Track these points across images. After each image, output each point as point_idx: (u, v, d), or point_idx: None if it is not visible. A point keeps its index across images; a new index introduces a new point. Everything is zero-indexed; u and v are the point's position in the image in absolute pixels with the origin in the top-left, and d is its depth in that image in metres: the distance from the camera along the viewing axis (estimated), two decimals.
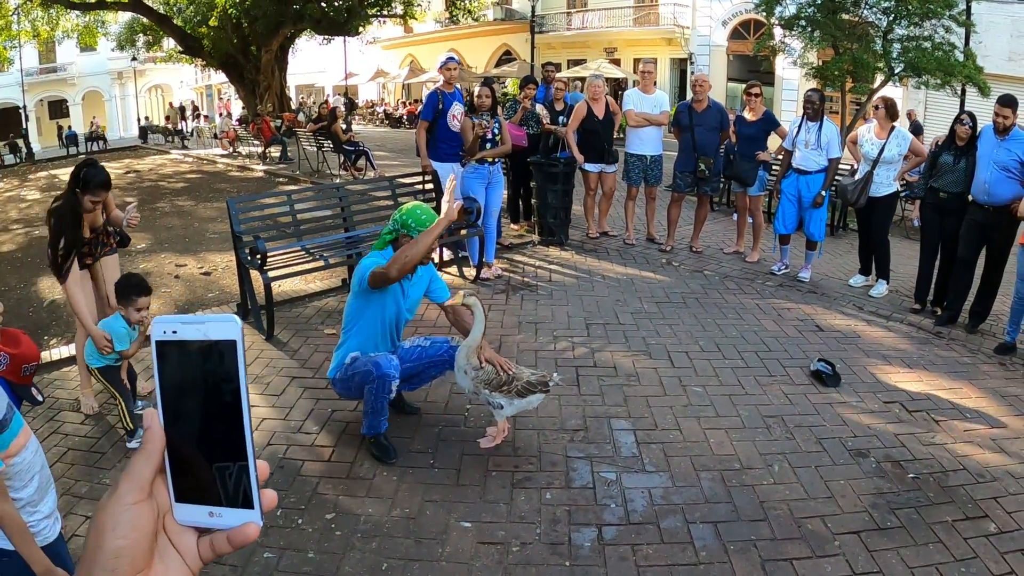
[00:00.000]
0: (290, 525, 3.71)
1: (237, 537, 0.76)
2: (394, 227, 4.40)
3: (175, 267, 9.21)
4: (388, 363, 4.14)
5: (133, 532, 0.72)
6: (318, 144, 18.18)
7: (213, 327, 0.75)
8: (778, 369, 5.72)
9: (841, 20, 15.66)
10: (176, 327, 0.76)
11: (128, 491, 0.73)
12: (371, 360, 4.16)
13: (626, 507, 3.88)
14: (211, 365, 0.75)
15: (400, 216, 4.39)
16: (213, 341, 0.75)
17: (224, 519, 0.76)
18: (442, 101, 8.10)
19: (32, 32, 28.49)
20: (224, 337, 0.74)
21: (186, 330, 0.76)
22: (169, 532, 0.76)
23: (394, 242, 4.41)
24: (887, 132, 7.48)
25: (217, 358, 0.75)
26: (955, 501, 4.02)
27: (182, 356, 0.76)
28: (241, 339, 0.75)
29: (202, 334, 0.75)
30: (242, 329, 0.75)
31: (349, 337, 4.41)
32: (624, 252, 9.05)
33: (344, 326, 4.48)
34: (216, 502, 0.76)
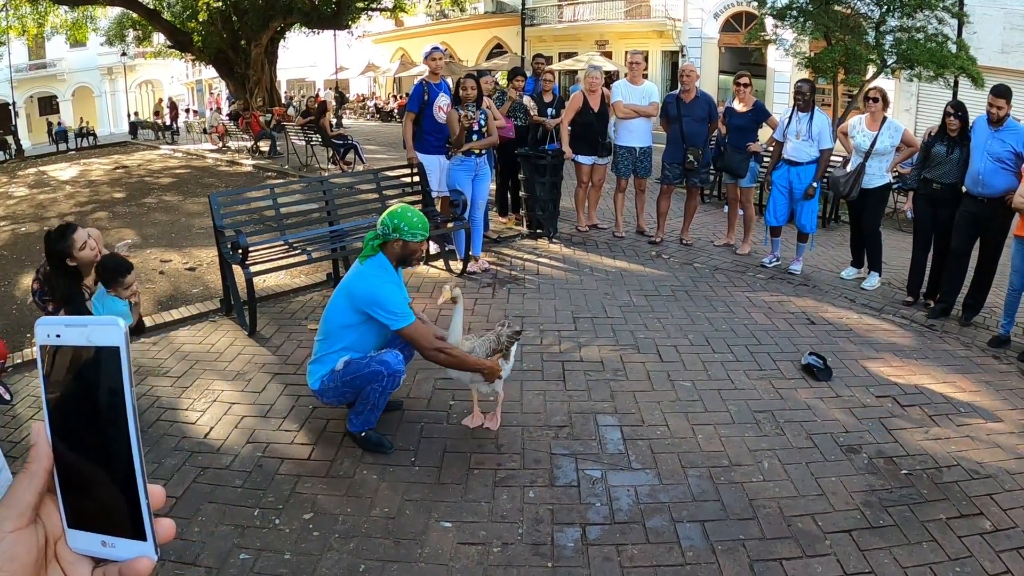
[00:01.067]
0: (267, 525, 3.62)
1: (128, 571, 0.69)
2: (384, 231, 4.14)
3: (160, 263, 9.10)
4: (396, 360, 4.06)
5: (10, 564, 0.66)
6: (307, 138, 18.10)
7: (96, 331, 0.69)
8: (768, 363, 5.63)
9: (834, 11, 15.58)
10: (60, 330, 0.70)
11: (6, 518, 0.68)
12: (376, 359, 4.05)
13: (611, 506, 3.79)
14: (96, 374, 0.69)
15: (391, 220, 4.12)
16: (96, 347, 0.69)
17: (118, 550, 0.70)
18: (428, 92, 8.00)
19: (20, 28, 28.33)
20: (107, 343, 0.69)
21: (69, 334, 0.70)
22: (62, 560, 0.71)
23: (384, 246, 4.20)
24: (879, 123, 7.41)
25: (101, 365, 0.69)
26: (949, 498, 3.94)
27: (67, 362, 0.70)
28: (125, 344, 0.69)
29: (85, 338, 0.69)
30: (127, 334, 0.69)
31: (335, 346, 4.21)
32: (613, 245, 8.97)
33: (327, 334, 4.26)
34: (109, 531, 0.70)
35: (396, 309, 4.00)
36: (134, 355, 5.72)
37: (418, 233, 4.14)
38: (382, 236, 4.16)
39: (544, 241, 9.05)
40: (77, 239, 4.61)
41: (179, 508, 3.75)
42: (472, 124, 7.40)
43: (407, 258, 4.26)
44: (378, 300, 4.01)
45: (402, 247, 4.16)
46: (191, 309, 6.80)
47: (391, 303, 4.00)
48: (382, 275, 4.12)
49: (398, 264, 4.25)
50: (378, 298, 4.01)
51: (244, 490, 3.92)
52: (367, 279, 4.10)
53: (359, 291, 4.09)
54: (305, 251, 6.61)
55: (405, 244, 4.15)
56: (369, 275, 4.11)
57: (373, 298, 4.01)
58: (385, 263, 4.17)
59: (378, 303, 4.00)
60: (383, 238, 4.16)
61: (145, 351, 5.91)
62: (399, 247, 4.16)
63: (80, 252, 4.62)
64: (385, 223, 4.14)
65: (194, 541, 3.49)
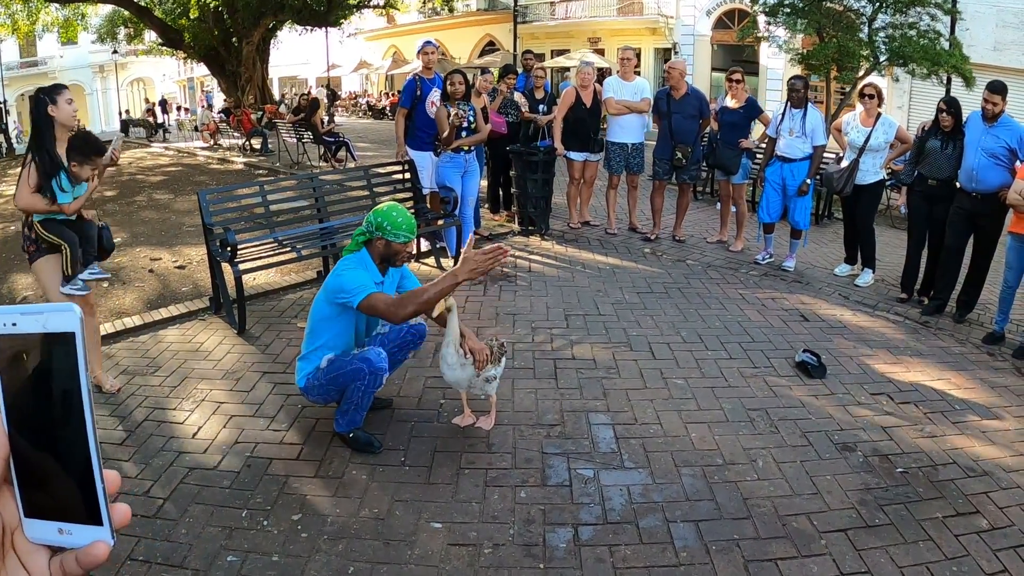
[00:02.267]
0: (255, 527, 3.56)
1: (85, 558, 0.69)
2: (368, 229, 4.10)
3: (150, 261, 9.01)
4: (378, 357, 4.01)
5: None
6: (298, 135, 18.03)
7: (52, 318, 0.69)
8: (762, 360, 5.59)
9: (826, 8, 15.58)
10: (16, 318, 0.70)
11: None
12: (358, 357, 4.01)
13: (604, 506, 3.74)
14: (52, 361, 0.70)
15: (375, 218, 4.08)
16: (52, 333, 0.69)
17: (75, 537, 0.70)
18: (420, 87, 7.95)
19: (11, 26, 28.18)
20: (63, 329, 0.69)
21: (25, 321, 0.70)
22: (19, 551, 0.71)
23: (368, 243, 4.16)
24: (873, 120, 7.38)
25: (57, 352, 0.69)
26: (945, 496, 3.91)
27: (24, 351, 0.70)
28: (80, 330, 0.69)
29: (41, 325, 0.70)
30: (81, 320, 0.69)
31: (317, 341, 4.19)
32: (605, 242, 8.92)
33: (311, 330, 4.24)
34: (66, 518, 0.70)
35: (353, 287, 3.92)
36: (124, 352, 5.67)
37: (401, 234, 4.07)
38: (366, 234, 4.13)
39: (536, 238, 9.00)
40: (66, 92, 4.69)
41: (166, 509, 3.70)
42: (462, 121, 7.34)
43: (391, 258, 4.18)
44: (340, 286, 3.98)
45: (385, 246, 4.12)
46: (180, 307, 6.73)
47: (349, 284, 3.94)
48: (351, 265, 4.09)
49: (381, 262, 4.19)
50: (340, 284, 3.98)
51: (232, 491, 3.87)
52: (339, 272, 4.08)
53: (330, 283, 4.08)
54: (295, 248, 6.56)
55: (388, 244, 4.10)
56: (341, 269, 4.09)
57: (338, 286, 3.99)
58: (366, 260, 4.14)
59: (340, 288, 3.97)
60: (367, 236, 4.13)
61: (134, 350, 5.85)
62: (382, 246, 4.12)
63: (62, 102, 4.62)
64: (370, 221, 4.10)
65: (181, 543, 3.43)
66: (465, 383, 4.27)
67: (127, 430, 4.53)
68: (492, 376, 4.31)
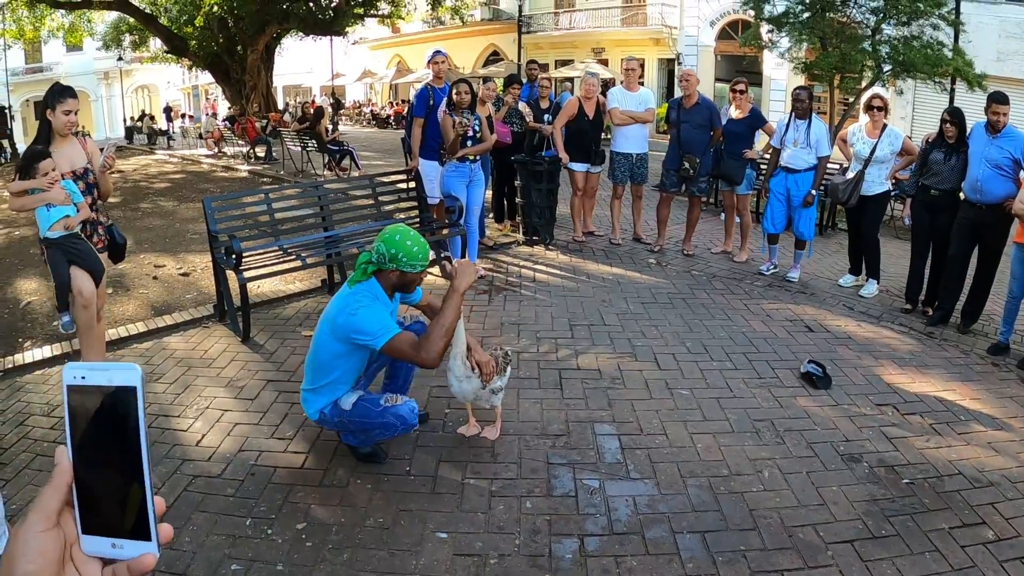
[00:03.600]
0: (259, 535, 3.55)
1: (135, 567, 0.82)
2: (379, 258, 3.79)
3: (154, 267, 9.02)
4: (411, 413, 3.87)
5: (40, 558, 0.79)
6: (302, 144, 18.05)
7: (117, 374, 0.82)
8: (767, 371, 5.58)
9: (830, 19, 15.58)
10: (85, 373, 0.83)
11: (37, 520, 0.80)
12: (391, 412, 3.83)
13: (609, 516, 3.73)
14: (115, 408, 0.82)
15: (388, 249, 3.76)
16: (117, 387, 0.82)
17: (125, 550, 0.83)
18: (432, 96, 7.97)
19: (18, 32, 28.26)
20: (126, 383, 0.82)
21: (93, 376, 0.83)
22: (76, 562, 0.82)
23: (378, 273, 3.86)
24: (879, 131, 7.37)
25: (120, 402, 0.82)
26: (951, 507, 3.89)
27: (90, 399, 0.83)
28: (141, 385, 0.82)
29: (107, 380, 0.83)
30: (143, 376, 0.83)
31: (327, 377, 3.95)
32: (610, 252, 8.92)
33: (319, 365, 3.97)
34: (118, 534, 0.83)
35: (374, 329, 3.67)
36: (128, 358, 5.66)
37: (418, 264, 3.82)
38: (376, 264, 3.84)
39: (540, 248, 9.00)
40: (68, 103, 4.79)
41: (169, 517, 3.67)
42: (467, 130, 7.33)
43: (405, 287, 3.99)
44: (357, 327, 3.70)
45: (399, 276, 3.87)
46: (184, 315, 6.73)
47: (369, 325, 3.68)
48: (366, 301, 3.78)
49: (393, 292, 3.98)
50: (356, 325, 3.70)
51: (236, 499, 3.86)
52: (347, 309, 3.77)
53: (340, 322, 3.77)
54: (300, 257, 6.55)
55: (403, 275, 3.86)
56: (352, 304, 3.77)
57: (353, 326, 3.71)
58: (377, 290, 3.85)
59: (357, 330, 3.70)
60: (378, 266, 3.85)
61: (137, 357, 5.85)
62: (396, 277, 3.87)
63: (61, 113, 4.75)
64: (381, 251, 3.79)
65: (184, 551, 3.42)
66: (471, 395, 4.25)
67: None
68: (498, 387, 4.30)
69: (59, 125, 4.77)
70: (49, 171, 4.68)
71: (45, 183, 4.65)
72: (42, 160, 4.69)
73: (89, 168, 5.04)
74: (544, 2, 35.90)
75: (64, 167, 4.84)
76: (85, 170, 5.01)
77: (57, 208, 4.72)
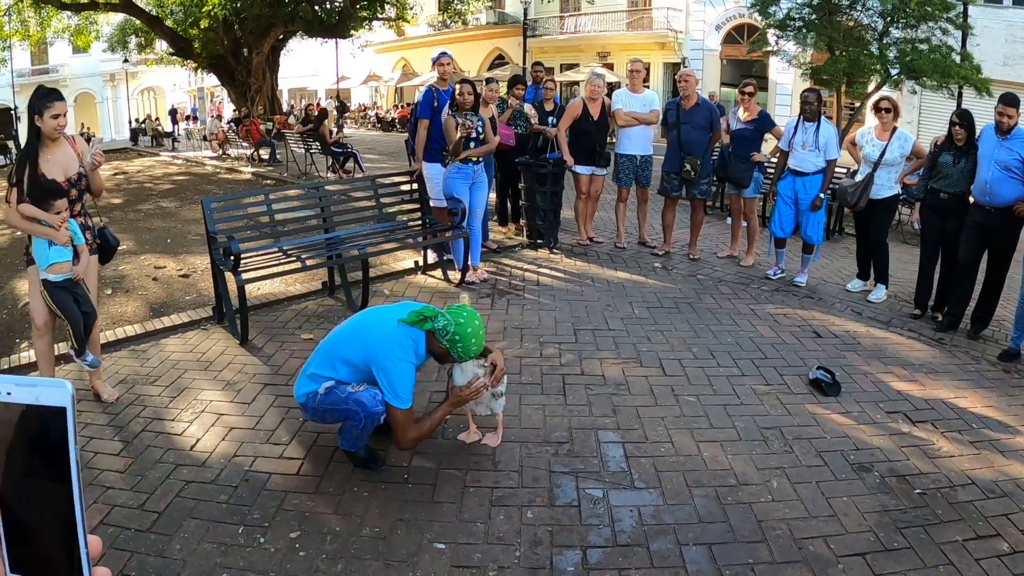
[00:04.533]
0: (252, 544, 3.46)
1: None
2: (442, 329, 3.87)
3: (154, 268, 8.95)
4: (373, 401, 3.83)
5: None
6: (306, 146, 18.02)
7: (45, 391, 0.74)
8: (775, 377, 5.47)
9: (837, 22, 15.52)
10: (11, 388, 0.75)
11: None
12: (352, 398, 3.84)
13: (613, 527, 3.62)
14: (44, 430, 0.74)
15: (454, 330, 3.86)
16: (44, 407, 0.74)
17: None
18: (437, 98, 7.89)
19: (23, 33, 28.31)
20: (55, 403, 0.74)
21: (19, 392, 0.75)
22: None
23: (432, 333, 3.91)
24: (889, 133, 7.28)
25: (48, 424, 0.74)
26: (964, 518, 3.78)
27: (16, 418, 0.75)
28: (72, 406, 0.74)
29: (33, 398, 0.74)
30: (73, 396, 0.74)
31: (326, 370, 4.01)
32: (615, 255, 8.82)
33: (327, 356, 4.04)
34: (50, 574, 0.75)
35: (400, 392, 3.80)
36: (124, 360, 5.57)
37: (466, 357, 3.94)
38: (435, 329, 3.90)
39: (544, 251, 8.91)
40: (56, 106, 4.62)
41: (160, 524, 3.60)
42: (470, 132, 7.24)
43: (440, 359, 4.09)
44: (389, 374, 3.80)
45: (443, 355, 3.99)
46: (182, 316, 6.65)
47: (399, 384, 3.80)
48: (407, 353, 3.87)
49: (430, 355, 4.05)
50: (390, 373, 3.80)
51: (229, 506, 3.76)
52: (393, 349, 3.85)
53: (381, 354, 3.84)
54: (300, 259, 6.46)
55: (446, 354, 3.96)
56: (396, 347, 3.85)
57: (386, 368, 3.80)
58: (420, 345, 3.93)
59: (388, 376, 3.81)
60: (434, 330, 3.90)
61: (134, 358, 5.76)
62: (441, 351, 3.96)
63: (50, 118, 4.59)
64: (447, 326, 3.87)
65: (175, 559, 3.33)
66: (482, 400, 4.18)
67: (124, 440, 4.44)
68: (499, 392, 4.21)
69: (48, 130, 4.63)
70: (62, 210, 4.59)
71: (56, 221, 4.55)
72: (59, 199, 4.60)
73: (83, 172, 4.91)
74: (549, 6, 35.93)
75: (57, 175, 4.71)
76: (79, 175, 4.86)
77: (57, 249, 4.61)
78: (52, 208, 4.55)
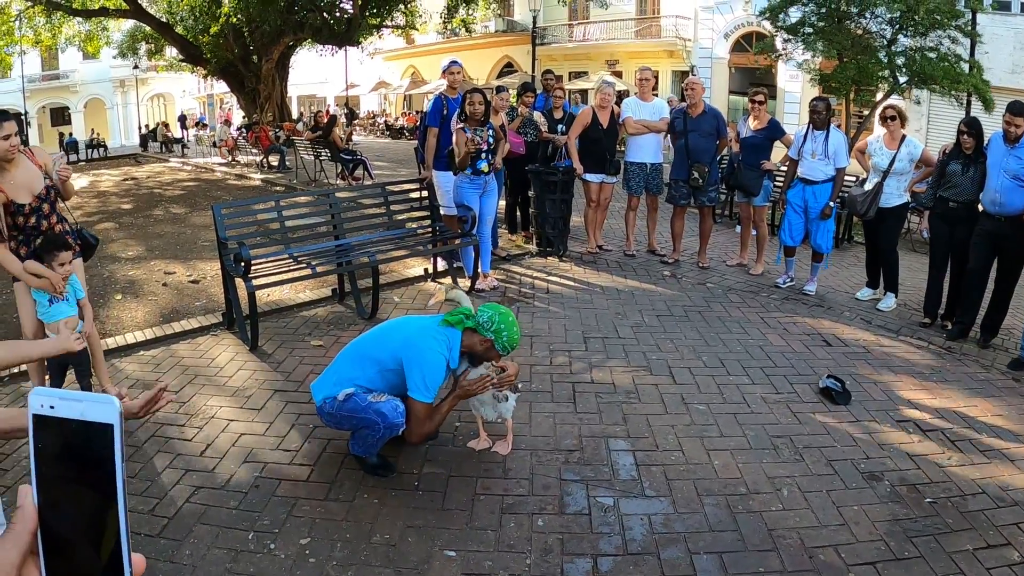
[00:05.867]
0: (262, 550, 3.46)
1: None
2: (483, 323, 4.01)
3: (164, 274, 8.98)
4: (395, 412, 3.86)
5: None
6: (315, 153, 18.06)
7: (91, 407, 0.72)
8: (785, 386, 5.46)
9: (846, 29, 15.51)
10: (54, 402, 0.73)
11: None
12: (373, 408, 3.86)
13: (624, 536, 3.61)
14: (88, 447, 0.73)
15: (495, 321, 3.99)
16: (90, 422, 0.72)
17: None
18: (446, 106, 7.90)
19: (34, 39, 28.46)
20: (101, 419, 0.72)
21: (64, 407, 0.73)
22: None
23: (469, 332, 4.04)
24: (898, 142, 7.26)
25: (94, 440, 0.72)
26: (975, 528, 3.77)
27: (59, 433, 0.73)
28: (119, 423, 0.72)
29: (79, 413, 0.73)
30: (121, 413, 0.73)
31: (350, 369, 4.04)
32: (624, 264, 8.82)
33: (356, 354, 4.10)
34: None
35: (431, 384, 3.86)
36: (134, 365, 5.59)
37: (507, 348, 4.01)
38: (475, 324, 4.03)
39: (554, 259, 8.91)
40: (3, 127, 4.41)
41: (170, 529, 3.61)
42: (480, 145, 7.22)
43: (479, 358, 4.11)
44: (423, 365, 3.87)
45: (485, 349, 4.04)
46: (192, 322, 6.67)
47: (431, 376, 3.87)
48: (442, 348, 3.95)
49: (467, 355, 4.11)
50: (424, 364, 3.87)
51: (239, 512, 3.77)
52: (431, 344, 3.94)
53: (416, 345, 3.92)
54: (310, 265, 6.48)
55: (490, 348, 4.02)
56: (434, 342, 3.95)
57: (421, 360, 3.88)
58: (456, 344, 4.02)
59: (422, 367, 3.86)
60: (475, 326, 4.03)
61: (144, 363, 5.78)
62: (483, 346, 4.04)
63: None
64: (491, 318, 4.01)
65: (184, 564, 3.34)
66: (488, 403, 4.19)
67: (133, 445, 4.45)
68: (503, 396, 4.21)
69: (1, 152, 4.44)
70: (66, 263, 4.56)
71: (57, 279, 4.53)
72: (64, 251, 4.58)
73: (49, 185, 4.77)
74: (558, 14, 35.92)
75: (23, 197, 4.59)
76: (47, 189, 4.74)
77: (58, 305, 4.62)
78: (57, 259, 4.52)
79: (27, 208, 4.64)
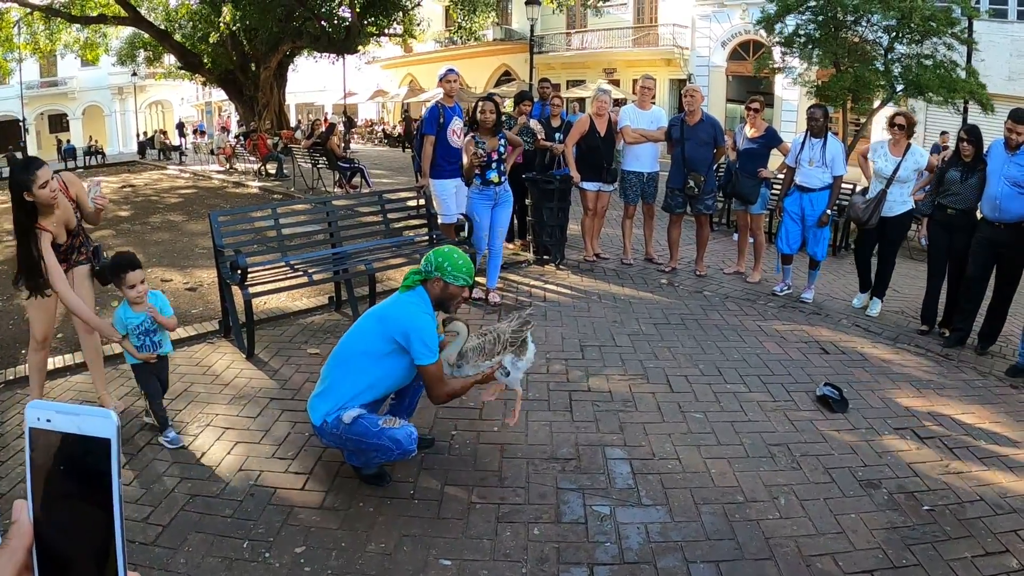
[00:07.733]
0: (256, 559, 3.44)
1: None
2: (427, 268, 4.02)
3: (161, 282, 8.97)
4: (409, 439, 3.81)
5: None
6: (313, 161, 18.07)
7: (88, 421, 0.72)
8: (782, 394, 5.45)
9: (842, 38, 15.55)
10: (51, 415, 0.73)
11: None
12: (387, 434, 3.78)
13: (620, 544, 3.60)
14: (84, 461, 0.72)
15: (435, 258, 4.01)
16: (87, 436, 0.72)
17: None
18: (443, 115, 7.88)
19: (33, 45, 28.50)
20: (98, 434, 0.72)
21: (60, 420, 0.73)
22: None
23: (424, 282, 4.06)
24: (903, 149, 7.26)
25: (91, 454, 0.72)
26: (973, 535, 3.75)
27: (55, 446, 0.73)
28: (116, 437, 0.72)
29: (75, 427, 0.72)
30: (119, 427, 0.72)
31: (345, 377, 3.93)
32: (621, 272, 8.81)
33: (341, 361, 4.01)
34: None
35: (431, 344, 3.85)
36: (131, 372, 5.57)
37: (460, 276, 4.01)
38: (424, 273, 4.04)
39: (551, 267, 8.90)
40: (40, 175, 4.35)
41: (165, 537, 3.59)
42: (490, 155, 7.18)
43: (446, 302, 4.11)
44: (416, 328, 3.83)
45: (442, 288, 4.04)
46: (189, 330, 6.65)
47: (428, 335, 3.84)
48: (420, 307, 3.97)
49: (436, 306, 4.09)
50: (417, 326, 3.83)
51: (234, 520, 3.75)
52: (405, 307, 3.95)
53: (396, 316, 3.92)
54: (306, 273, 6.47)
55: (446, 286, 4.03)
56: (407, 304, 3.97)
57: (412, 325, 3.84)
58: (424, 297, 4.03)
59: (415, 332, 3.82)
60: (424, 275, 4.04)
61: None
62: (439, 288, 4.04)
63: (39, 190, 4.34)
64: (429, 260, 4.03)
65: (179, 573, 3.32)
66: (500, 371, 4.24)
67: (128, 453, 4.43)
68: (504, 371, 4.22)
69: (45, 200, 4.41)
70: (137, 283, 4.49)
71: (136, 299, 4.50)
72: (133, 270, 4.50)
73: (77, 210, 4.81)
74: (556, 22, 35.97)
75: (63, 235, 4.65)
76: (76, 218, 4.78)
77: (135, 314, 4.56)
78: (125, 282, 4.46)
79: (64, 246, 4.74)
